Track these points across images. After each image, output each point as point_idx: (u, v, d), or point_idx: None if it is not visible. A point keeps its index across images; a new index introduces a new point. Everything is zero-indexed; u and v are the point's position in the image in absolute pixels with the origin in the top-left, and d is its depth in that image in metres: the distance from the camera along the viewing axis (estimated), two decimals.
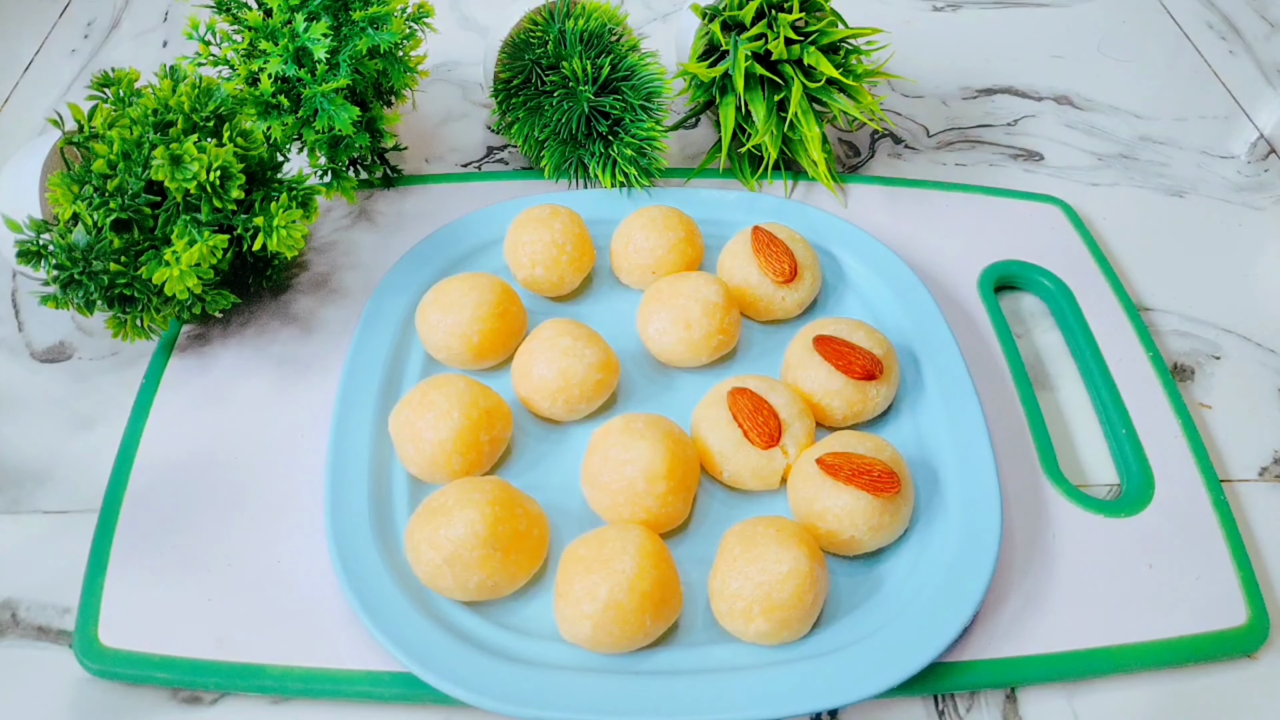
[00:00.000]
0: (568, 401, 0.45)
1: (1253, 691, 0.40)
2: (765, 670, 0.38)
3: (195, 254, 0.43)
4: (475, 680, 0.37)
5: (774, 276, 0.49)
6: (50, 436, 0.47)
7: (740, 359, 0.49)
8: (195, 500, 0.44)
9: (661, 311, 0.47)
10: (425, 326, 0.47)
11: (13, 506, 0.45)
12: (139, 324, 0.46)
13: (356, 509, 0.42)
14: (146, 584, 0.41)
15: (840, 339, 0.45)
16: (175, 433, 0.46)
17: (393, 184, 0.59)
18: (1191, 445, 0.46)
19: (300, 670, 0.39)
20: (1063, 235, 0.57)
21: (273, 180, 0.48)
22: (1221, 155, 0.64)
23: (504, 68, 0.56)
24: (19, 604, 0.42)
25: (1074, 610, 0.41)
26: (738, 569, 0.38)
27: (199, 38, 0.50)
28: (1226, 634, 0.40)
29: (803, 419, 0.43)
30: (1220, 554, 0.43)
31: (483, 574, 0.38)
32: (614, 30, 0.55)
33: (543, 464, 0.45)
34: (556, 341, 0.45)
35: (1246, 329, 0.54)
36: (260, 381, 0.49)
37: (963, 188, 0.59)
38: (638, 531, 0.39)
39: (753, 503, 0.44)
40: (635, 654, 0.38)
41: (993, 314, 0.52)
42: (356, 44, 0.50)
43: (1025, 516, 0.44)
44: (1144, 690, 0.40)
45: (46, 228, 0.43)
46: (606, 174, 0.55)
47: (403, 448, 0.42)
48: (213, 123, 0.46)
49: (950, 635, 0.38)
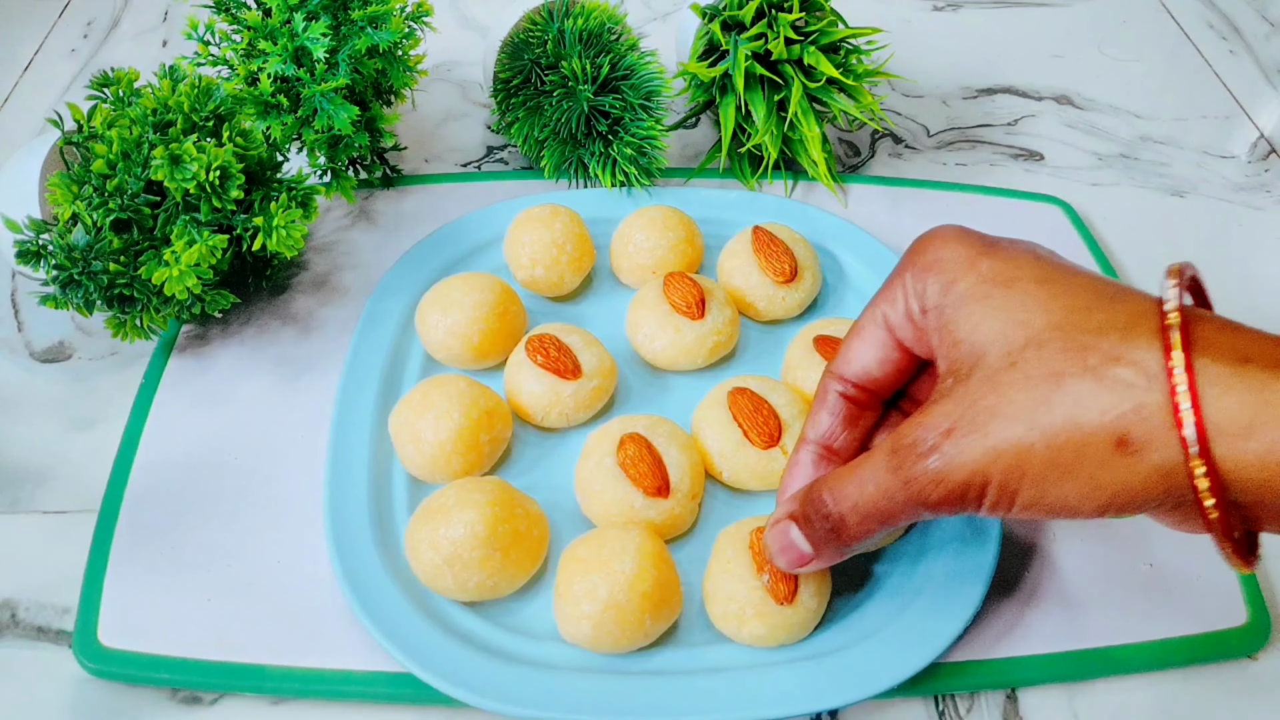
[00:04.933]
0: (562, 414, 0.45)
1: (1253, 692, 0.40)
2: (765, 670, 0.38)
3: (195, 254, 0.43)
4: (475, 680, 0.37)
5: (774, 276, 0.49)
6: (50, 436, 0.47)
7: (740, 359, 0.49)
8: (195, 500, 0.44)
9: (649, 316, 0.47)
10: (425, 326, 0.47)
11: (12, 506, 0.45)
12: (138, 324, 0.46)
13: (356, 509, 0.42)
14: (146, 584, 0.41)
15: (840, 339, 0.45)
16: (175, 433, 0.46)
17: (392, 184, 0.59)
18: None
19: (300, 670, 0.39)
20: (1063, 235, 0.57)
21: (272, 180, 0.48)
22: (1222, 155, 0.64)
23: (503, 67, 0.56)
24: (18, 604, 0.42)
25: (1074, 610, 0.41)
26: (731, 571, 0.38)
27: (198, 38, 0.50)
28: (1226, 634, 0.40)
29: (803, 419, 0.43)
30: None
31: (483, 574, 0.38)
32: (613, 29, 0.55)
33: (542, 464, 0.45)
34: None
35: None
36: (260, 381, 0.49)
37: (963, 188, 0.59)
38: (637, 532, 0.39)
39: (753, 503, 0.44)
40: (635, 654, 0.38)
41: None
42: (356, 43, 0.50)
43: None
44: (1144, 690, 0.40)
45: (46, 228, 0.43)
46: (606, 174, 0.55)
47: (402, 448, 0.42)
48: (212, 123, 0.46)
49: (950, 635, 0.38)
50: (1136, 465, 0.27)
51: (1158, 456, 0.27)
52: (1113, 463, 0.27)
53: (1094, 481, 0.28)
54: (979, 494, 0.29)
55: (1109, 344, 0.28)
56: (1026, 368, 0.29)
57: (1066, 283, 0.30)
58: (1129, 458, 0.27)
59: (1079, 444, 0.27)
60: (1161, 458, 0.27)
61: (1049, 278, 0.30)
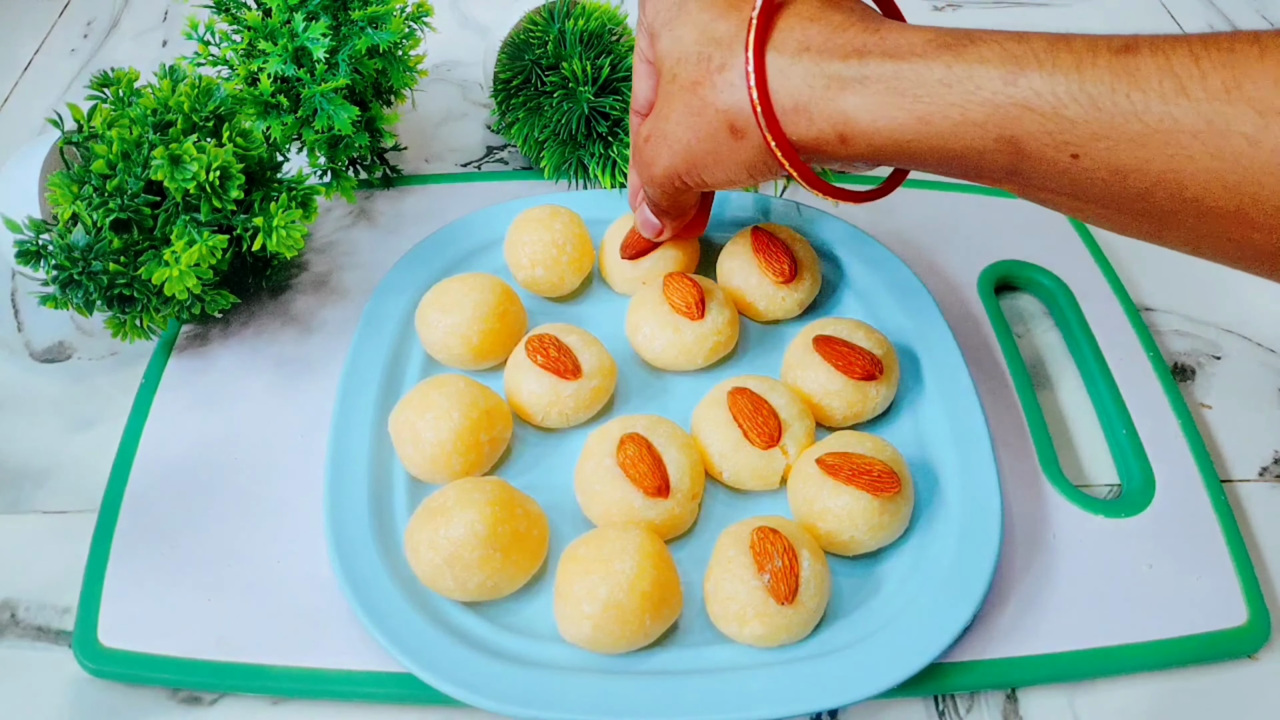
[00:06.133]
0: (561, 414, 0.45)
1: (1253, 691, 0.40)
2: (765, 670, 0.38)
3: (195, 254, 0.43)
4: (475, 680, 0.36)
5: (774, 276, 0.49)
6: (50, 437, 0.47)
7: (740, 359, 0.49)
8: (194, 500, 0.44)
9: (649, 317, 0.47)
10: (425, 327, 0.47)
11: (12, 506, 0.45)
12: (138, 324, 0.46)
13: (356, 509, 0.42)
14: (146, 584, 0.41)
15: (840, 339, 0.45)
16: (174, 433, 0.46)
17: (392, 184, 0.59)
18: (1191, 445, 0.46)
19: (300, 670, 0.39)
20: (1063, 235, 0.57)
21: (272, 180, 0.48)
22: None
23: (504, 68, 0.56)
24: (18, 604, 0.42)
25: (1074, 610, 0.41)
26: (731, 571, 0.38)
27: (198, 38, 0.50)
28: (1226, 634, 0.40)
29: (803, 419, 0.43)
30: (1220, 554, 0.43)
31: (483, 574, 0.38)
32: (614, 30, 0.55)
33: (542, 464, 0.45)
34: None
35: (1247, 329, 0.54)
36: (260, 382, 0.49)
37: (963, 188, 0.59)
38: (637, 532, 0.39)
39: (753, 503, 0.44)
40: (635, 654, 0.38)
41: (992, 314, 0.52)
42: (356, 43, 0.50)
43: (1025, 516, 0.44)
44: (1144, 690, 0.40)
45: (46, 228, 0.43)
46: (606, 174, 0.55)
47: (402, 448, 0.42)
48: (212, 123, 0.46)
49: (950, 635, 0.38)
50: (747, 145, 0.35)
51: (755, 137, 0.35)
52: (736, 146, 0.36)
53: (733, 161, 0.36)
54: (680, 179, 0.39)
55: (722, 52, 0.35)
56: (680, 79, 0.36)
57: (715, 1, 0.36)
58: (741, 141, 0.35)
59: (714, 136, 0.36)
60: (756, 138, 0.35)
61: (713, 2, 0.36)
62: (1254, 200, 0.26)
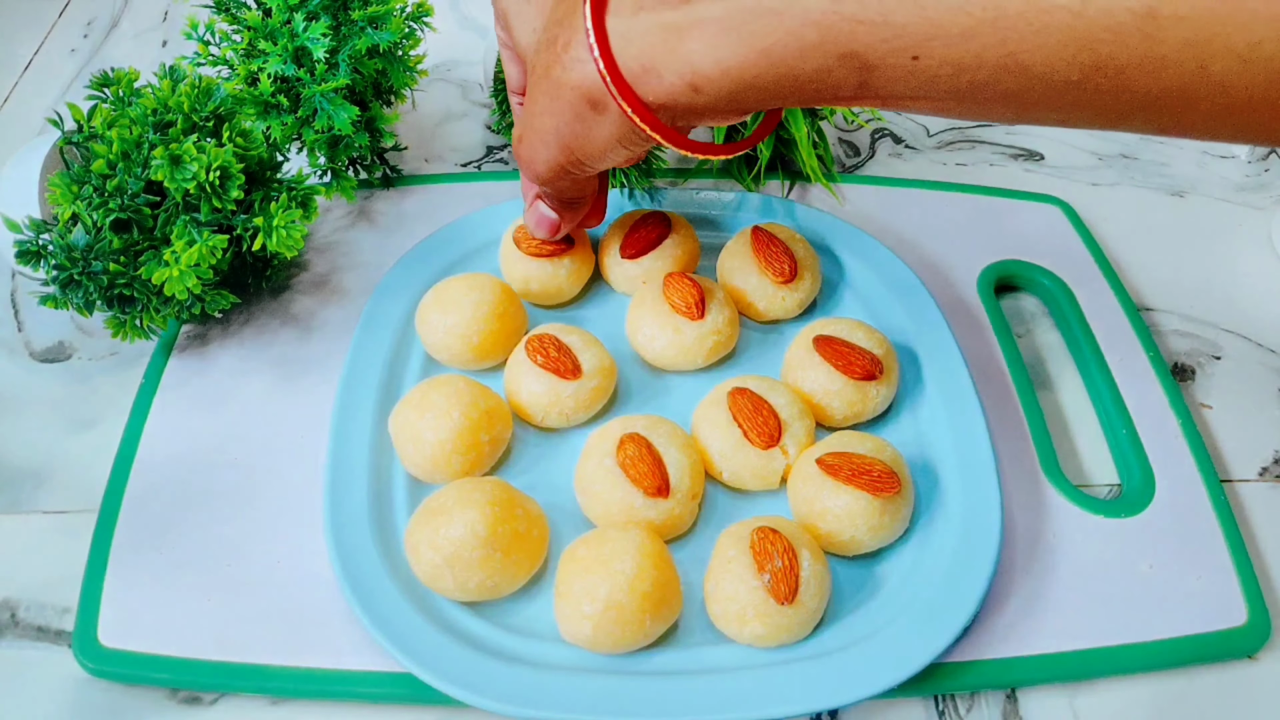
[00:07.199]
0: (561, 414, 0.45)
1: (1253, 691, 0.40)
2: (765, 670, 0.38)
3: (195, 254, 0.43)
4: (475, 680, 0.36)
5: (774, 276, 0.49)
6: (49, 437, 0.47)
7: (740, 359, 0.49)
8: (195, 500, 0.44)
9: (649, 317, 0.47)
10: (425, 327, 0.47)
11: (12, 506, 0.45)
12: (138, 324, 0.46)
13: (356, 509, 0.42)
14: (146, 584, 0.41)
15: (840, 339, 0.45)
16: (174, 433, 0.46)
17: (392, 184, 0.59)
18: (1191, 445, 0.46)
19: (300, 670, 0.39)
20: (1063, 235, 0.57)
21: (272, 180, 0.48)
22: (1221, 155, 0.64)
23: (504, 68, 0.56)
24: (18, 604, 0.42)
25: (1074, 610, 0.41)
26: (731, 571, 0.38)
27: (198, 38, 0.50)
28: (1226, 634, 0.40)
29: (803, 419, 0.43)
30: (1220, 554, 0.43)
31: (483, 574, 0.38)
32: None
33: (542, 464, 0.45)
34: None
35: (1247, 329, 0.54)
36: (260, 382, 0.49)
37: (963, 188, 0.59)
38: (637, 532, 0.39)
39: (753, 503, 0.44)
40: (635, 654, 0.38)
41: (992, 314, 0.52)
42: (356, 43, 0.50)
43: (1025, 516, 0.44)
44: (1144, 690, 0.40)
45: (46, 228, 0.43)
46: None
47: (402, 448, 0.42)
48: (212, 123, 0.46)
49: (950, 635, 0.38)
50: (608, 117, 0.34)
51: (613, 107, 0.34)
52: (600, 121, 0.35)
53: (602, 137, 0.35)
54: (563, 169, 0.38)
55: (566, 31, 0.34)
56: (537, 68, 0.36)
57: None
58: (604, 115, 0.34)
59: (579, 117, 0.35)
60: (615, 108, 0.34)
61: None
62: (1095, 67, 0.27)
